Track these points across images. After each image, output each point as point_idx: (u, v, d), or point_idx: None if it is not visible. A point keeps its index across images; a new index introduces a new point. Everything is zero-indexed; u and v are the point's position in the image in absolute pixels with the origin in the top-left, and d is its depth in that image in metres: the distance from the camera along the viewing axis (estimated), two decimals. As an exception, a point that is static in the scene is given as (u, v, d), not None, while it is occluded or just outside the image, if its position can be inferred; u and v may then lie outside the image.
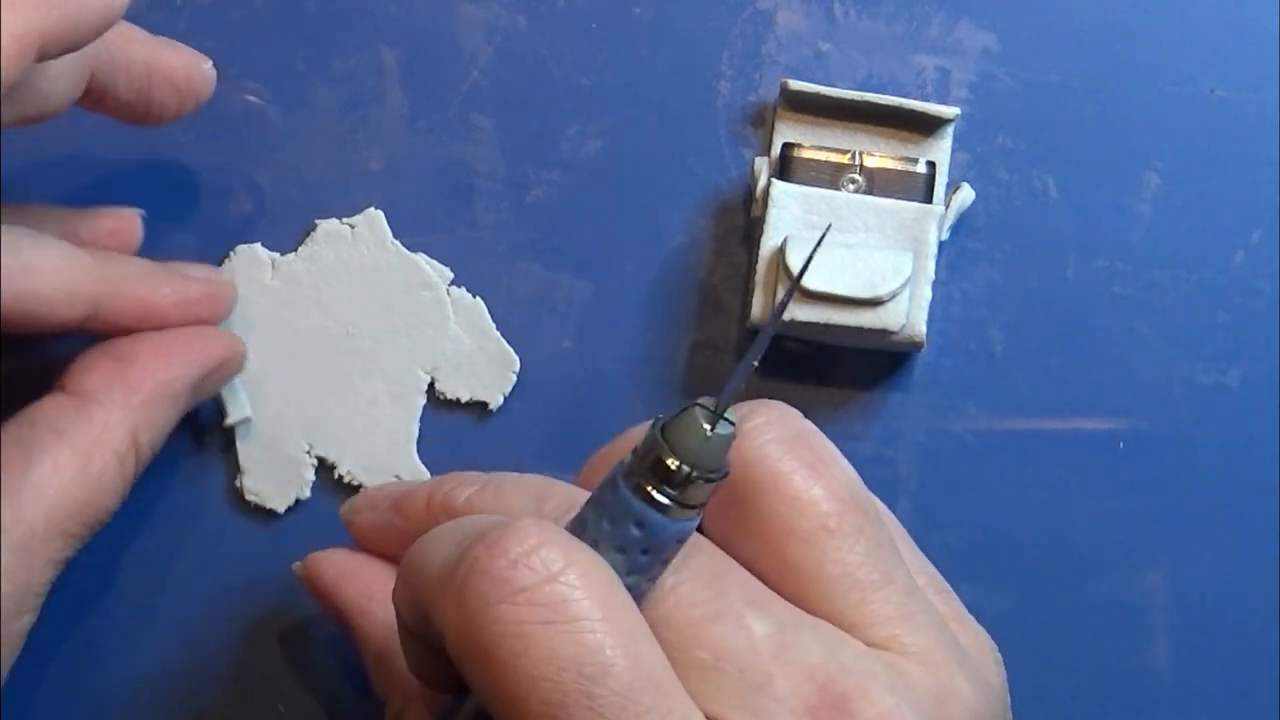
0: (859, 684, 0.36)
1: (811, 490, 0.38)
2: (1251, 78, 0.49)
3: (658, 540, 0.36)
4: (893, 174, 0.47)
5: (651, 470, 0.36)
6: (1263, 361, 0.48)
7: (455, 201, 0.49)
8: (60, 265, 0.44)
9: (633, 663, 0.35)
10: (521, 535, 0.35)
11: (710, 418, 0.36)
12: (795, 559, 0.38)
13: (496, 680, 0.35)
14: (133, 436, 0.44)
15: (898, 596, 0.39)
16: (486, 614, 0.35)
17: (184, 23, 0.49)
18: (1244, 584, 0.48)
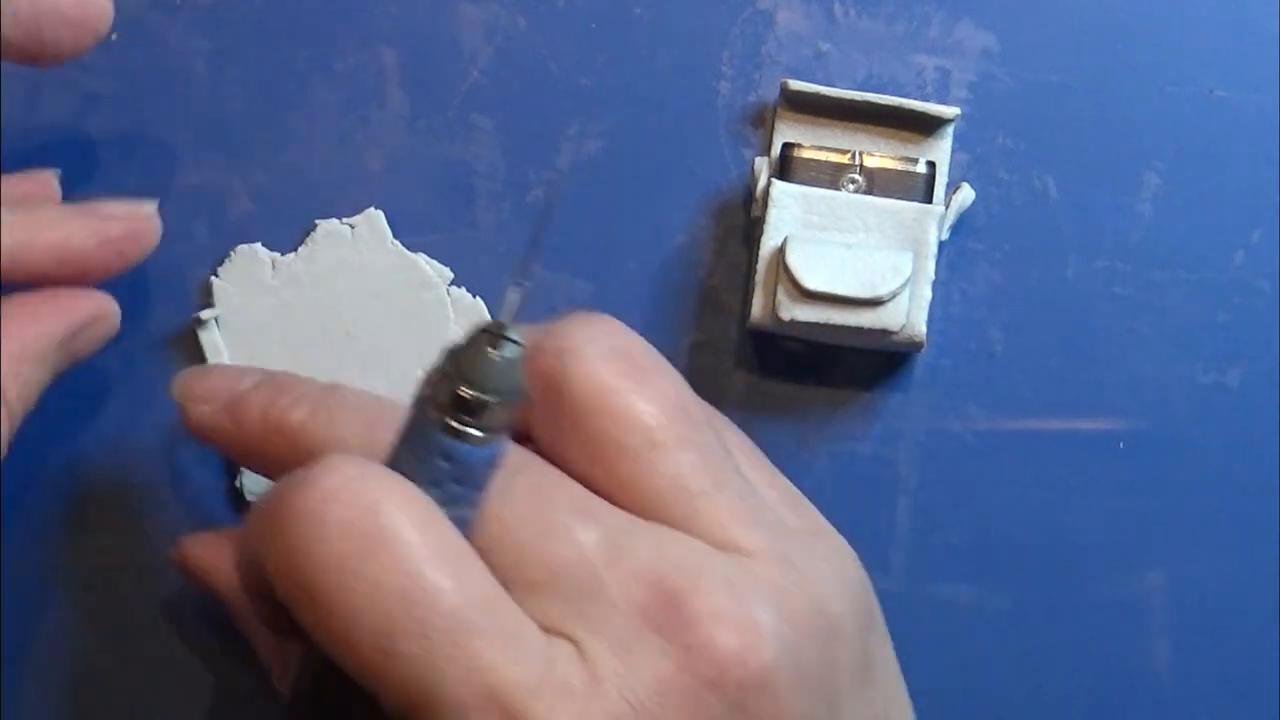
0: (691, 580, 0.36)
1: (636, 405, 0.38)
2: (1251, 78, 0.49)
3: (466, 469, 0.36)
4: (893, 174, 0.47)
5: (450, 402, 0.36)
6: (1263, 361, 0.48)
7: (455, 201, 0.49)
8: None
9: (457, 584, 0.35)
10: (332, 471, 0.35)
11: (494, 340, 0.36)
12: (624, 473, 0.38)
13: (324, 618, 0.35)
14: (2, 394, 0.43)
15: (731, 499, 0.38)
16: (306, 552, 0.35)
17: (184, 23, 0.49)
18: (1244, 584, 0.48)
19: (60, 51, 0.44)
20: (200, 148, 0.49)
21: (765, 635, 0.36)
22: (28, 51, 0.44)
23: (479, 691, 0.35)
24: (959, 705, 0.48)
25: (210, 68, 0.49)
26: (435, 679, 0.35)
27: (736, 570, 0.37)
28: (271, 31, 0.49)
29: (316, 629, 0.35)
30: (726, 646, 0.35)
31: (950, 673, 0.48)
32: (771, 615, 0.36)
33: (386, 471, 0.36)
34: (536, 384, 0.38)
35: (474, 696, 0.35)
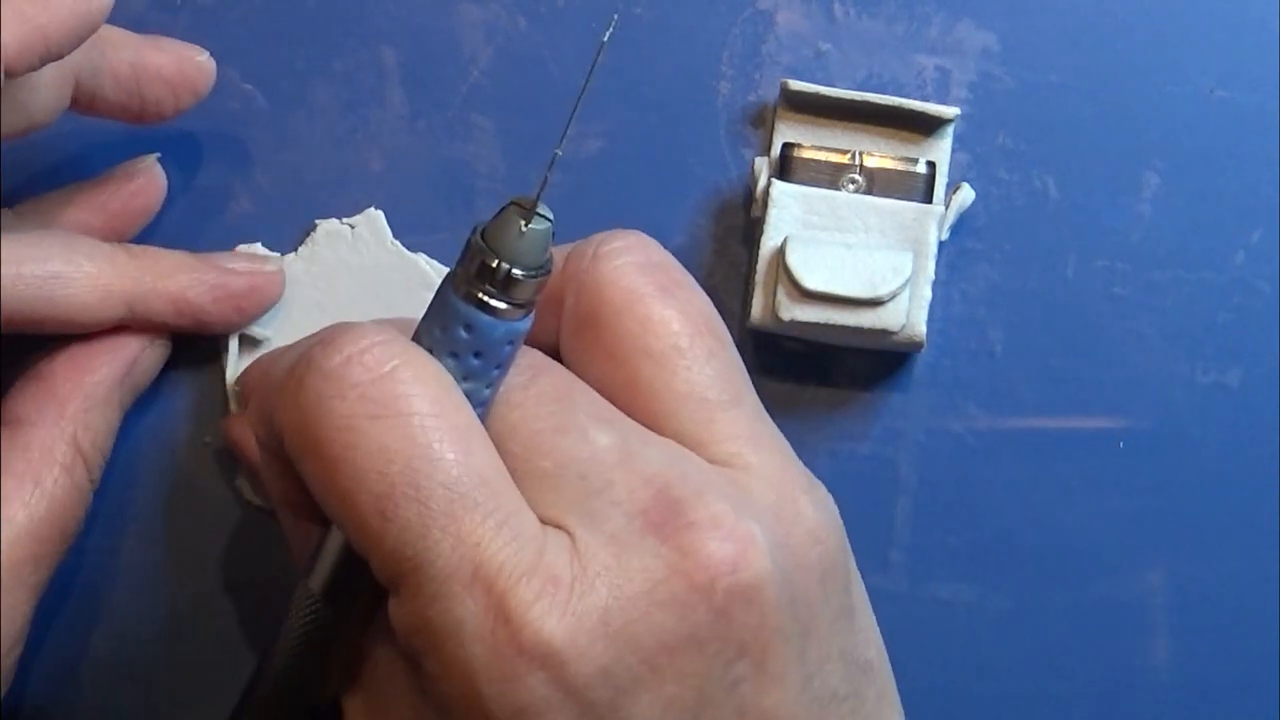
0: (695, 489, 0.37)
1: (665, 310, 0.39)
2: (1251, 78, 0.49)
3: (487, 341, 0.37)
4: (893, 174, 0.47)
5: (476, 274, 0.37)
6: (1263, 361, 0.48)
7: (455, 201, 0.49)
8: (92, 270, 0.44)
9: (463, 458, 0.36)
10: (356, 334, 0.37)
11: (524, 214, 0.37)
12: (645, 377, 0.39)
13: (329, 474, 0.36)
14: (74, 446, 0.44)
15: (745, 417, 0.39)
16: (320, 408, 0.36)
17: (184, 23, 0.49)
18: (1244, 584, 0.48)
19: (162, 111, 0.45)
20: (200, 148, 0.49)
21: (759, 549, 0.37)
22: (129, 111, 0.45)
23: (466, 567, 0.35)
24: (959, 705, 0.48)
25: (210, 68, 0.49)
26: (426, 548, 0.35)
27: (741, 487, 0.38)
28: (271, 31, 0.49)
29: (320, 486, 0.36)
30: (720, 554, 0.36)
31: (950, 673, 0.48)
32: (767, 533, 0.37)
33: (408, 342, 0.37)
34: (570, 285, 0.40)
35: (461, 571, 0.35)
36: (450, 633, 0.35)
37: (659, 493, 0.37)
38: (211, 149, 0.49)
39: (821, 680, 0.38)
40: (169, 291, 0.45)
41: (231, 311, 0.46)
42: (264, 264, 0.47)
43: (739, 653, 0.36)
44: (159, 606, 0.48)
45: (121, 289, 0.45)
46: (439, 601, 0.35)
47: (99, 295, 0.44)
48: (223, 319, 0.46)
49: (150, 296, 0.45)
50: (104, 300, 0.44)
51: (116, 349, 0.46)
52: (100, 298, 0.44)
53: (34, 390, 0.45)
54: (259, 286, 0.47)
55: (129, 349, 0.46)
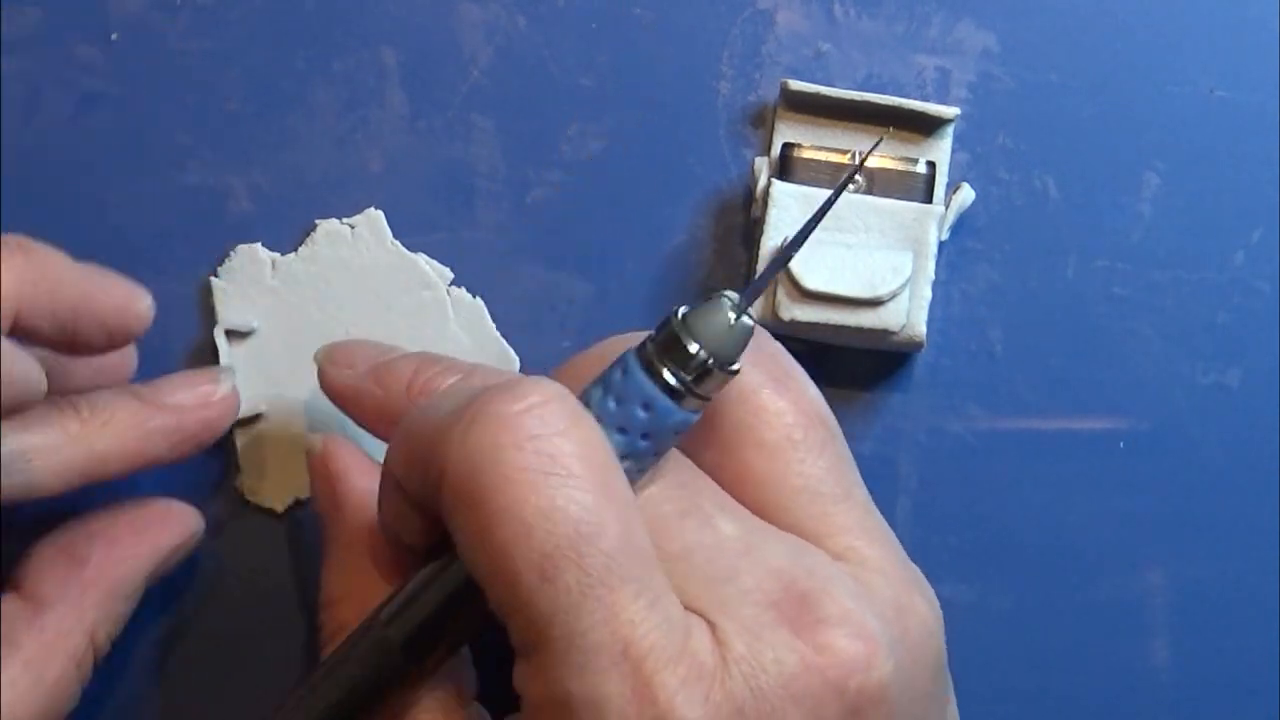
0: (823, 585, 0.37)
1: (778, 403, 0.39)
2: (1251, 78, 0.49)
3: (662, 425, 0.36)
4: (893, 174, 0.47)
5: (669, 353, 0.36)
6: (1263, 361, 0.48)
7: (455, 201, 0.49)
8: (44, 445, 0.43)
9: (624, 530, 0.35)
10: (535, 387, 0.36)
11: (736, 309, 0.36)
12: (759, 469, 0.39)
13: (490, 525, 0.35)
14: (90, 637, 0.44)
15: (858, 511, 0.39)
16: (493, 455, 0.35)
17: (184, 22, 0.49)
18: (1244, 584, 0.48)
19: (90, 350, 0.44)
20: (200, 147, 0.49)
21: (885, 649, 0.36)
22: (58, 347, 0.43)
23: (618, 644, 0.35)
24: (959, 705, 0.48)
25: (210, 68, 0.49)
26: (580, 615, 0.35)
27: (861, 584, 0.38)
28: (271, 31, 0.49)
29: (475, 535, 0.35)
30: (854, 653, 0.36)
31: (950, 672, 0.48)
32: (890, 630, 0.37)
33: (583, 407, 0.36)
34: None
35: (612, 645, 0.35)
36: (591, 707, 0.35)
37: (788, 586, 0.36)
38: (211, 149, 0.49)
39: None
40: (125, 452, 0.44)
41: (190, 450, 0.45)
42: (215, 388, 0.46)
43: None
44: (157, 606, 0.48)
45: (78, 463, 0.43)
46: (584, 674, 0.35)
47: (55, 474, 0.43)
48: (180, 458, 0.45)
49: (107, 461, 0.44)
50: (61, 478, 0.43)
51: (156, 538, 0.45)
52: (57, 475, 0.43)
53: (61, 568, 0.44)
54: (211, 421, 0.46)
55: (168, 540, 0.45)
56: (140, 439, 0.44)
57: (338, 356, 0.44)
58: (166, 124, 0.49)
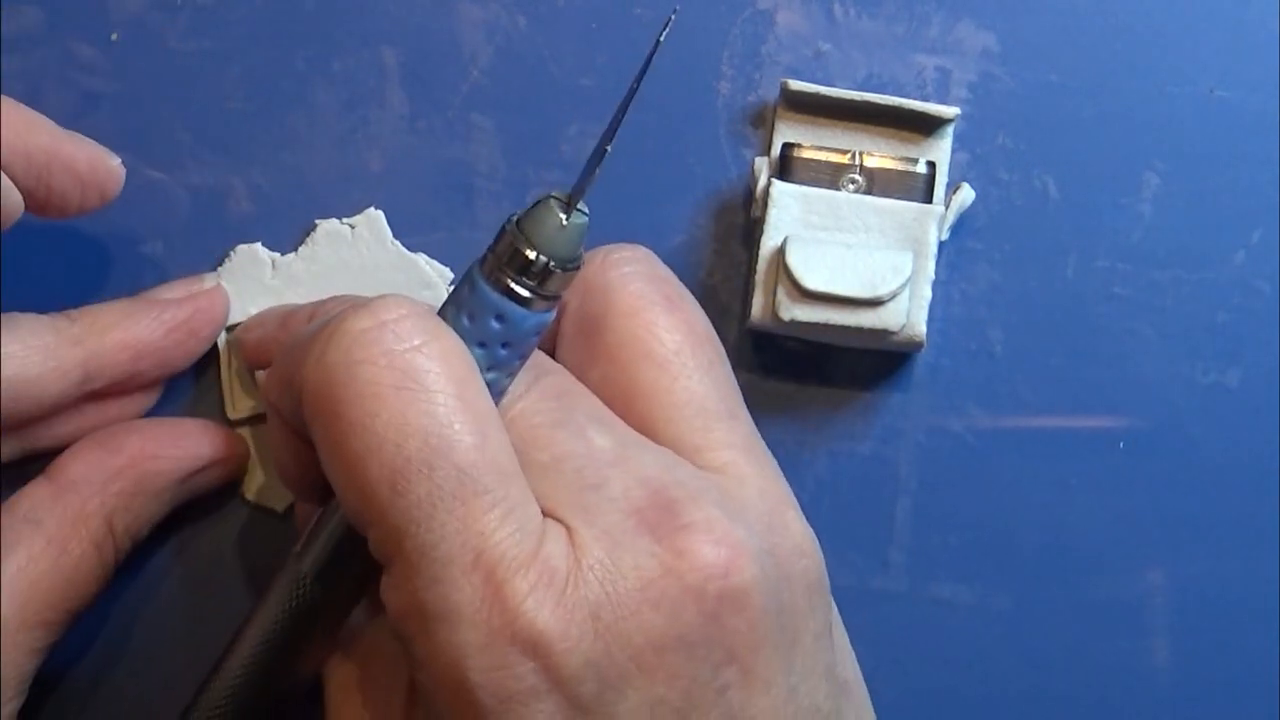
0: (690, 494, 0.37)
1: (670, 319, 0.40)
2: (1251, 78, 0.49)
3: (518, 332, 0.37)
4: (893, 174, 0.47)
5: (509, 263, 0.37)
6: (1263, 361, 0.48)
7: (455, 201, 0.49)
8: (36, 343, 0.43)
9: (479, 443, 0.36)
10: (392, 303, 0.37)
11: (565, 208, 0.37)
12: (647, 381, 0.39)
13: (343, 438, 0.36)
14: (108, 525, 0.44)
15: (741, 430, 0.40)
16: (345, 370, 0.36)
17: (184, 22, 0.49)
18: (1244, 584, 0.48)
19: (66, 206, 0.44)
20: (200, 148, 0.49)
21: (750, 556, 0.37)
22: (33, 199, 0.43)
23: (469, 553, 0.35)
24: (959, 705, 0.48)
25: (210, 68, 0.49)
26: (431, 528, 0.35)
27: (733, 496, 0.38)
28: (271, 31, 0.49)
29: (332, 450, 0.36)
30: (713, 558, 0.36)
31: (950, 673, 0.48)
32: (758, 541, 0.37)
33: (440, 320, 0.37)
34: (575, 288, 0.40)
35: (463, 556, 0.35)
36: (444, 616, 0.35)
37: (655, 494, 0.37)
38: (211, 149, 0.49)
39: (806, 692, 0.38)
40: (120, 341, 0.45)
41: (186, 338, 0.46)
42: (200, 284, 0.47)
43: (727, 657, 0.37)
44: (158, 605, 0.48)
45: (72, 356, 0.44)
46: (437, 585, 0.35)
47: (51, 366, 0.43)
48: (182, 350, 0.46)
49: (103, 353, 0.44)
50: (58, 370, 0.44)
51: (195, 447, 0.46)
52: (54, 368, 0.43)
53: (94, 456, 0.45)
54: (203, 307, 0.46)
55: (205, 453, 0.46)
56: (132, 329, 0.45)
57: (251, 323, 0.46)
58: (166, 124, 0.49)
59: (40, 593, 0.43)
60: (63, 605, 0.44)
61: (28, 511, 0.44)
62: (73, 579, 0.44)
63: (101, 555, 0.44)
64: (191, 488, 0.46)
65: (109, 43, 0.49)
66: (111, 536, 0.44)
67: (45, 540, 0.43)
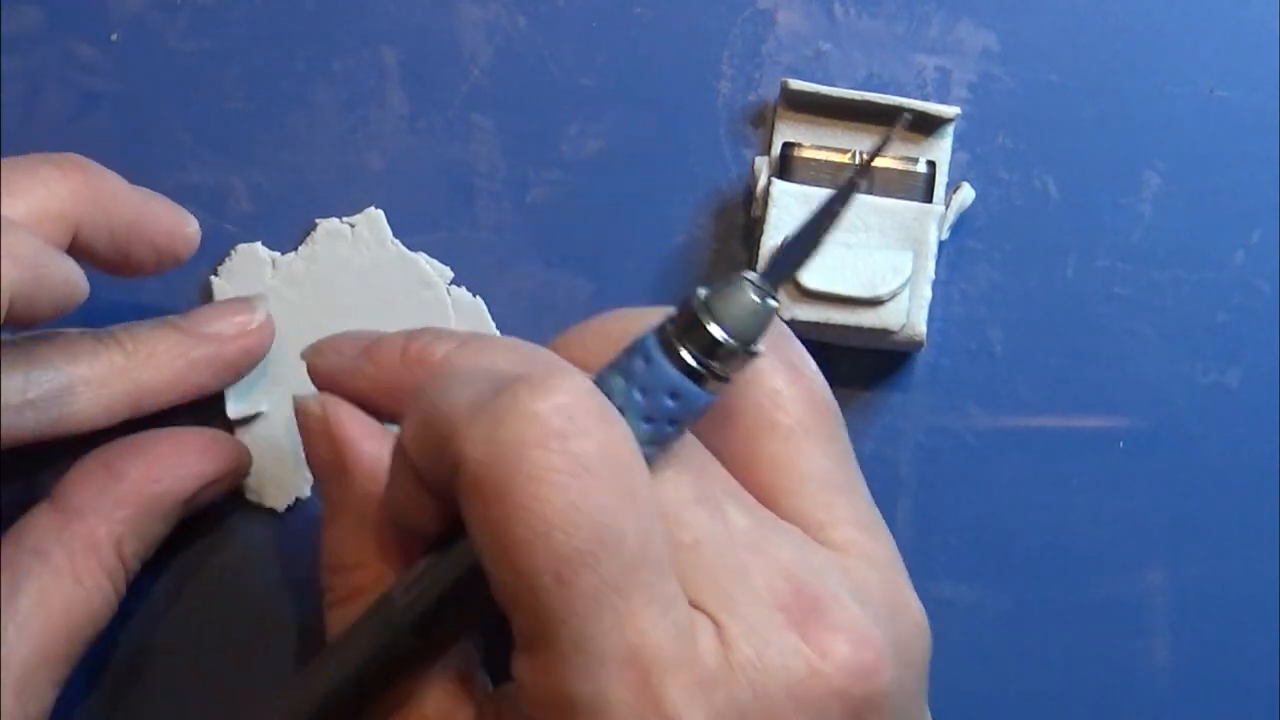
0: (829, 589, 0.37)
1: (793, 388, 0.39)
2: (1251, 78, 0.49)
3: (689, 411, 0.36)
4: (893, 173, 0.47)
5: (692, 339, 0.36)
6: (1263, 361, 0.48)
7: (455, 201, 0.49)
8: (93, 378, 0.44)
9: (643, 539, 0.35)
10: (567, 384, 0.35)
11: (759, 290, 0.36)
12: (771, 454, 0.39)
13: (510, 523, 0.34)
14: (118, 552, 0.44)
15: (863, 504, 0.39)
16: (519, 453, 0.34)
17: (184, 22, 0.49)
18: (1244, 584, 0.48)
19: (141, 272, 0.45)
20: (200, 147, 0.49)
21: (886, 656, 0.37)
22: (109, 265, 0.44)
23: (624, 650, 0.34)
24: (959, 705, 0.48)
25: (210, 67, 0.49)
26: (590, 621, 0.34)
27: (859, 580, 0.38)
28: (271, 31, 0.49)
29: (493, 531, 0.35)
30: (856, 660, 0.36)
31: (950, 673, 0.48)
32: (887, 634, 0.37)
33: (611, 405, 0.36)
34: None
35: (619, 651, 0.34)
36: (594, 711, 0.35)
37: (797, 588, 0.36)
38: (211, 149, 0.49)
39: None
40: (170, 383, 0.45)
41: (231, 378, 0.47)
42: (250, 317, 0.47)
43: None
44: (157, 604, 0.48)
45: (124, 394, 0.44)
46: (589, 678, 0.35)
47: (103, 406, 0.44)
48: (222, 385, 0.47)
49: (153, 393, 0.45)
50: (109, 409, 0.44)
51: (198, 464, 0.46)
52: (105, 408, 0.44)
53: (97, 481, 0.44)
54: (251, 348, 0.47)
55: (210, 467, 0.46)
56: (184, 369, 0.45)
57: (324, 347, 0.44)
58: (166, 123, 0.49)
59: (56, 629, 0.43)
60: (79, 638, 0.44)
61: (35, 543, 0.43)
62: (87, 610, 0.44)
63: (114, 583, 0.44)
64: (196, 504, 0.46)
65: (109, 42, 0.49)
66: (121, 563, 0.44)
67: (55, 573, 0.43)
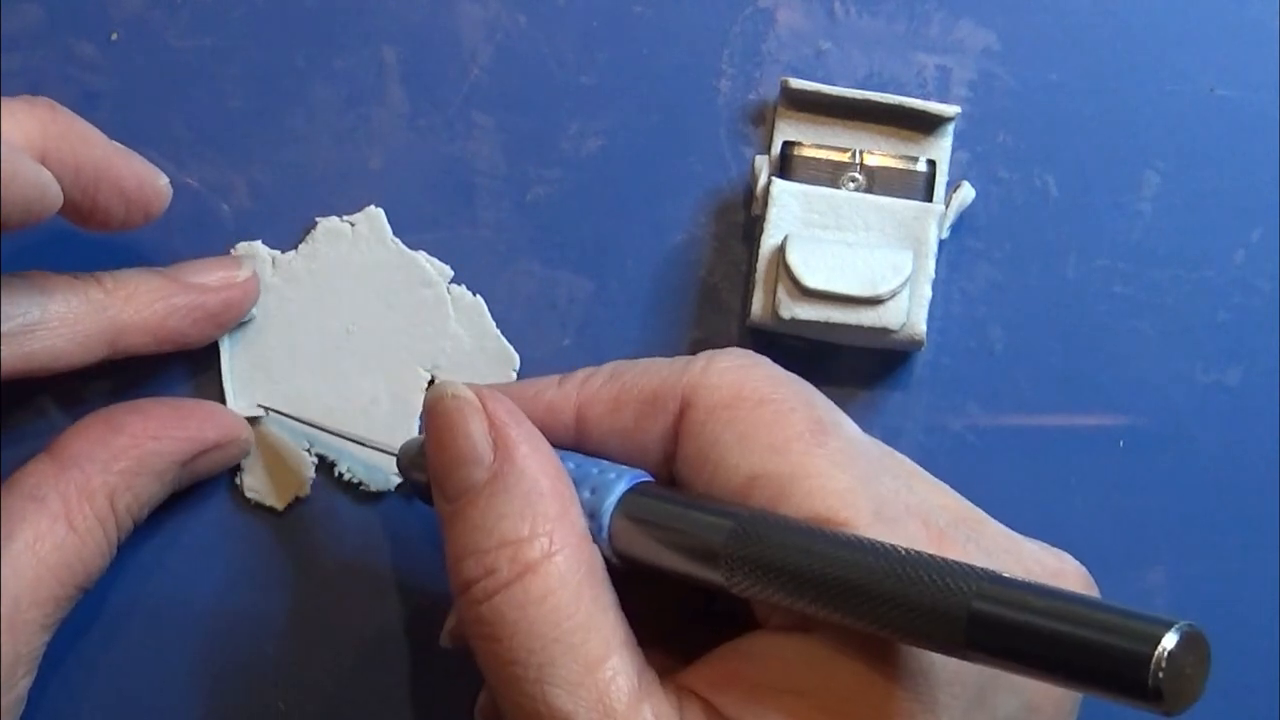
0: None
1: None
2: (1251, 77, 0.49)
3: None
4: (893, 172, 0.47)
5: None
6: (1263, 361, 0.48)
7: (455, 199, 0.49)
8: (69, 315, 0.44)
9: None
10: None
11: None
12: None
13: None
14: (110, 503, 0.44)
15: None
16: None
17: (184, 21, 0.49)
18: (1244, 584, 0.48)
19: (109, 222, 0.44)
20: (200, 145, 0.49)
21: None
22: (77, 211, 0.44)
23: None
24: (959, 704, 0.48)
25: (210, 66, 0.49)
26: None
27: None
28: (271, 30, 0.49)
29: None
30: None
31: (950, 671, 0.48)
32: None
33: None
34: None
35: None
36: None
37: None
38: (212, 147, 0.49)
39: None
40: (148, 324, 0.45)
41: (211, 329, 0.47)
42: (236, 273, 0.47)
43: None
44: (155, 603, 0.48)
45: (99, 330, 0.44)
46: None
47: (78, 342, 0.44)
48: (202, 336, 0.47)
49: (129, 331, 0.45)
50: (84, 345, 0.44)
51: (198, 429, 0.46)
52: (80, 344, 0.44)
53: (96, 433, 0.45)
54: (234, 301, 0.47)
55: (209, 436, 0.46)
56: (163, 313, 0.45)
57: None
58: (167, 121, 0.49)
59: (48, 569, 0.43)
60: (70, 581, 0.44)
61: (31, 488, 0.44)
62: (80, 554, 0.44)
63: (106, 532, 0.44)
64: (193, 471, 0.46)
65: (109, 41, 0.49)
66: (114, 514, 0.44)
67: (50, 517, 0.43)
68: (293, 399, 0.48)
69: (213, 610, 0.48)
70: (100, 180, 0.43)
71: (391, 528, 0.48)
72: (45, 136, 0.42)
